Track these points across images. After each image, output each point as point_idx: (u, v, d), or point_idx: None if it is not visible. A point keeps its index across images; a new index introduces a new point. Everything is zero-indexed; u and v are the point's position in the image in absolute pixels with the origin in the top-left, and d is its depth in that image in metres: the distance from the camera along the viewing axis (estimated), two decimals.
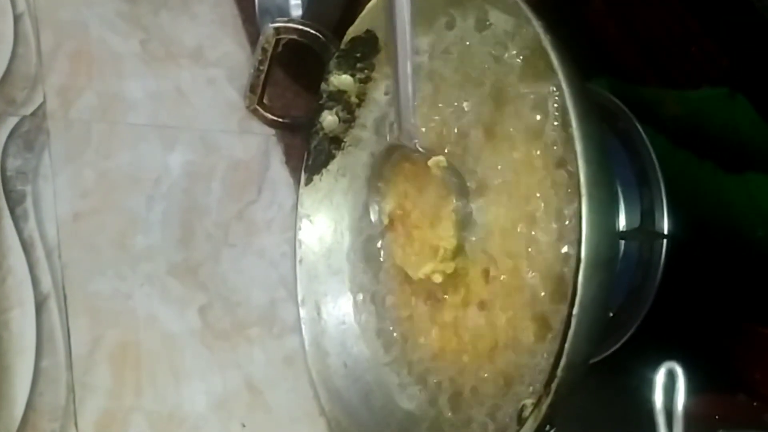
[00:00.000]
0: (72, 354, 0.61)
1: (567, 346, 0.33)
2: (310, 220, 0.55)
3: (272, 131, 0.80)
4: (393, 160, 0.49)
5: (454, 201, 0.44)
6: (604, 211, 0.34)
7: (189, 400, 0.63)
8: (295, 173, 0.78)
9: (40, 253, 0.65)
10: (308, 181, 0.55)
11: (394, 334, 0.52)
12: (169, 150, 0.75)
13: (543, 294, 0.38)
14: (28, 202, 0.67)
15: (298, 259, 0.55)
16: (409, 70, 0.43)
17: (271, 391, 0.66)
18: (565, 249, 0.37)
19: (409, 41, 0.42)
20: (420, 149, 0.46)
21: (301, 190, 0.55)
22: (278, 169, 0.80)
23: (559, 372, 0.34)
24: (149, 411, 0.61)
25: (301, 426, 0.65)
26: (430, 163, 0.45)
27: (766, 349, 0.39)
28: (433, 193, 0.47)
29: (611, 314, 0.47)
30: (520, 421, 0.36)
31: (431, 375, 0.47)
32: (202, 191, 0.75)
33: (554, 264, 0.38)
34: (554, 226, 0.38)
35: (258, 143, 0.80)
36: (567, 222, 0.38)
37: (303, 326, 0.54)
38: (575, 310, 0.33)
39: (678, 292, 0.43)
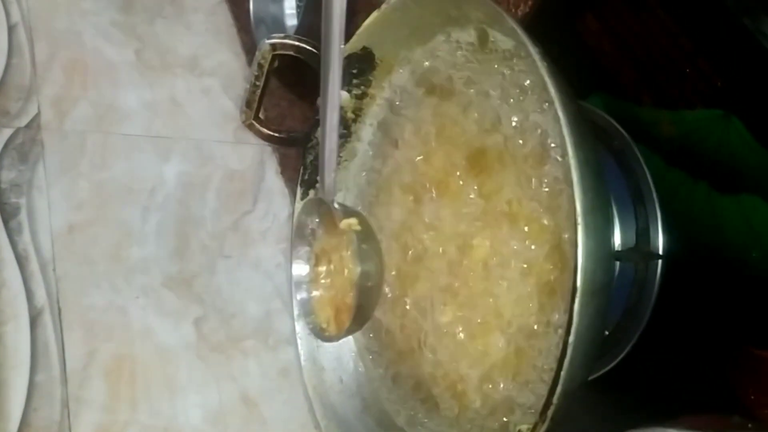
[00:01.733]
0: (67, 368, 0.60)
1: (563, 374, 0.34)
2: None
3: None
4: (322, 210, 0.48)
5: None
6: (600, 238, 0.34)
7: (184, 414, 0.63)
8: (290, 183, 0.78)
9: (34, 266, 0.64)
10: (304, 195, 0.55)
11: (387, 351, 0.52)
12: (165, 160, 0.75)
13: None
14: (23, 215, 0.66)
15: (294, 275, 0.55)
16: (334, 121, 0.41)
17: (267, 403, 0.66)
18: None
19: (336, 93, 0.40)
20: (335, 207, 0.45)
21: (297, 205, 0.55)
22: (273, 180, 0.80)
23: (555, 399, 0.34)
24: (144, 425, 0.61)
25: None
26: (342, 225, 0.44)
27: (761, 371, 0.39)
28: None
29: (606, 333, 0.47)
30: None
31: (425, 394, 0.48)
32: (197, 202, 0.74)
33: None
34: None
35: (253, 153, 0.80)
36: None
37: (299, 341, 0.54)
38: (571, 339, 0.33)
39: (673, 312, 0.43)
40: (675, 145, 0.44)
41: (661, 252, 0.43)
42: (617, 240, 0.46)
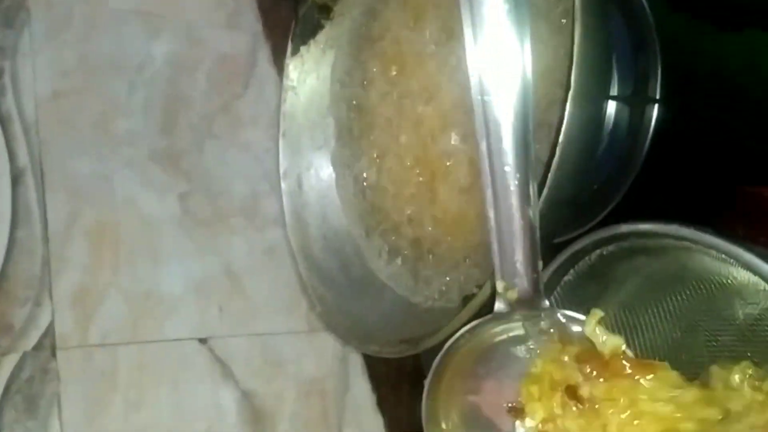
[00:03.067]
0: (48, 228, 0.60)
1: (550, 176, 0.33)
2: (296, 93, 0.54)
3: (260, 29, 0.78)
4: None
5: None
6: (597, 39, 0.33)
7: (167, 282, 0.62)
8: (282, 73, 0.76)
9: (17, 128, 0.63)
10: (295, 51, 0.53)
11: (374, 208, 0.51)
12: (154, 38, 0.73)
13: None
14: (6, 78, 0.65)
15: (281, 131, 0.54)
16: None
17: (251, 279, 0.66)
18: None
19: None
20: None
21: (287, 61, 0.54)
22: (266, 68, 0.78)
23: (540, 202, 0.33)
24: (126, 289, 0.60)
25: (278, 315, 0.65)
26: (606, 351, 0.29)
27: (754, 208, 0.38)
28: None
29: (596, 186, 0.46)
30: None
31: (408, 245, 0.47)
32: (187, 82, 0.73)
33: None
34: None
35: (246, 40, 0.78)
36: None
37: (284, 198, 0.53)
38: (560, 139, 0.32)
39: (666, 160, 0.42)
40: None
41: (658, 97, 0.42)
42: (615, 91, 0.45)
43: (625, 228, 0.29)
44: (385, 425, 0.64)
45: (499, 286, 0.30)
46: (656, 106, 0.42)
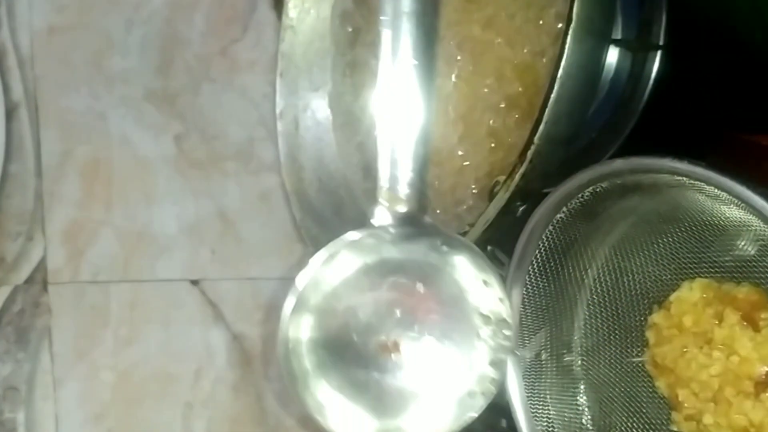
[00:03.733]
0: (42, 163, 0.59)
1: (547, 111, 0.32)
2: (294, 32, 0.53)
3: None
4: None
5: None
6: None
7: (159, 222, 0.62)
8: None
9: (12, 61, 0.62)
10: None
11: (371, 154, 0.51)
12: None
13: None
14: (2, 10, 0.64)
15: (279, 71, 0.54)
16: None
17: (244, 223, 0.65)
18: None
19: None
20: None
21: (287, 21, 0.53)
22: (265, 13, 0.76)
23: (536, 139, 0.33)
24: (118, 226, 0.60)
25: (271, 259, 0.65)
26: None
27: (750, 157, 0.38)
28: None
29: (594, 135, 0.46)
30: (491, 196, 0.35)
31: None
32: (184, 23, 0.71)
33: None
34: None
35: None
36: None
37: (279, 139, 0.53)
38: (560, 73, 0.32)
39: (667, 106, 0.42)
40: None
41: (661, 43, 0.42)
42: (618, 34, 0.44)
43: (619, 164, 0.29)
44: None
45: (384, 195, 0.30)
46: (659, 52, 0.42)
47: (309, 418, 0.38)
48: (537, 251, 0.33)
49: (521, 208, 0.34)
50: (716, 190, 0.26)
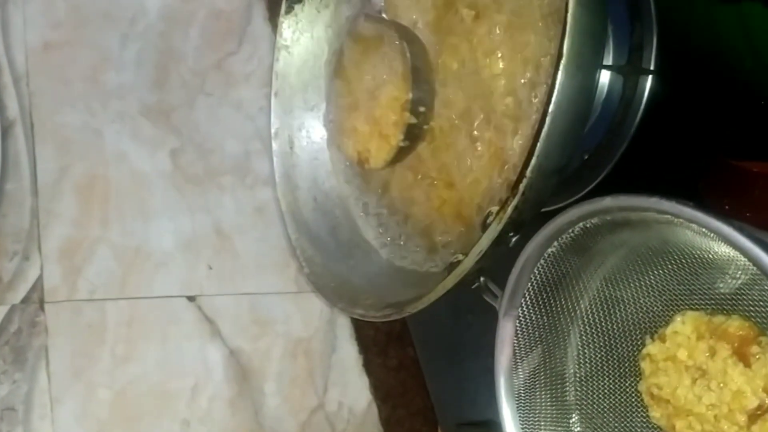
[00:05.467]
0: (38, 181, 0.59)
1: (539, 145, 0.32)
2: (289, 52, 0.53)
3: None
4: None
5: None
6: (592, 7, 0.32)
7: (156, 238, 0.62)
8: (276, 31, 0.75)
9: (7, 78, 0.62)
10: (289, 9, 0.52)
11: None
12: None
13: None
14: None
15: (273, 91, 0.54)
16: None
17: (240, 238, 0.66)
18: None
19: None
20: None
21: (281, 19, 0.53)
22: (260, 25, 0.77)
23: (528, 173, 0.33)
24: (115, 243, 0.60)
25: (267, 273, 0.65)
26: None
27: (740, 183, 0.38)
28: None
29: (587, 156, 0.46)
30: (484, 227, 0.36)
31: (396, 208, 0.47)
32: (180, 37, 0.72)
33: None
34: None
35: None
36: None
37: (275, 159, 0.53)
38: (551, 108, 0.32)
39: (657, 130, 0.42)
40: None
41: (652, 68, 0.42)
42: (609, 61, 0.44)
43: (608, 201, 0.29)
44: (370, 386, 0.64)
45: None
46: (650, 77, 0.42)
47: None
48: (529, 284, 0.34)
49: (514, 239, 0.35)
50: (704, 229, 0.26)
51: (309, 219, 0.51)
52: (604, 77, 0.45)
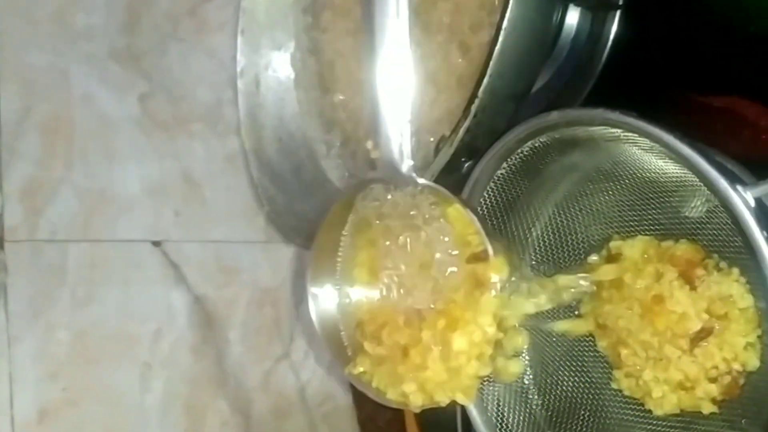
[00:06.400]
0: (1, 119, 0.58)
1: (491, 64, 0.32)
2: None
3: None
4: None
5: None
6: None
7: (122, 182, 0.61)
8: None
9: None
10: None
11: (331, 113, 0.50)
12: None
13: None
14: None
15: (240, 28, 0.53)
16: None
17: (209, 185, 0.65)
18: None
19: None
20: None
21: None
22: None
23: (480, 93, 0.32)
24: (78, 185, 0.59)
25: (236, 222, 0.64)
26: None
27: (698, 116, 0.37)
28: None
29: (554, 97, 0.45)
30: (436, 151, 0.35)
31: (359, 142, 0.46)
32: None
33: None
34: None
35: None
36: None
37: (240, 97, 0.52)
38: (504, 24, 0.31)
39: (624, 67, 0.41)
40: None
41: (620, 3, 0.41)
42: None
43: (555, 116, 0.28)
44: None
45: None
46: (618, 12, 0.41)
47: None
48: (479, 208, 0.33)
49: (467, 165, 0.34)
50: (650, 142, 0.25)
51: (273, 159, 0.50)
52: (572, 16, 0.44)
